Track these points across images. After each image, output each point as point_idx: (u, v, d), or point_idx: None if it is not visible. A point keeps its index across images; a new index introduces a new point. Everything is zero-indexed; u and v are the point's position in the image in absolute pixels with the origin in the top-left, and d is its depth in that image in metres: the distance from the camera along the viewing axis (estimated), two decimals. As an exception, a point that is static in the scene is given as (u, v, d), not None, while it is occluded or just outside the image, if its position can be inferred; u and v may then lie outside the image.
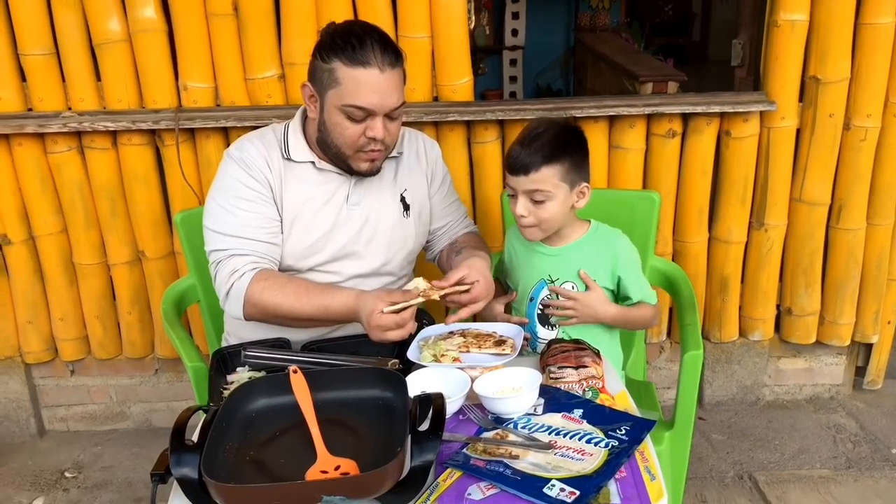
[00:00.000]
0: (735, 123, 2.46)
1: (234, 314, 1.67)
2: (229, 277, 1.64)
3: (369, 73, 1.57)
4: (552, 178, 1.67)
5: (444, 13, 2.36)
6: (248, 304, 1.63)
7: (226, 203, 1.67)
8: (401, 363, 1.54)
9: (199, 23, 2.36)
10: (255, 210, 1.67)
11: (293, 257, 1.72)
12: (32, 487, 2.56)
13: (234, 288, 1.63)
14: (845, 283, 2.64)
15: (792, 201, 2.57)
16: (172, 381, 2.81)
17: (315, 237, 1.72)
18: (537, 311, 1.81)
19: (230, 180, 1.68)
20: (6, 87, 2.42)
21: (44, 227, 2.56)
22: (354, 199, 1.75)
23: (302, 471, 1.15)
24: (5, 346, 2.72)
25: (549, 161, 1.67)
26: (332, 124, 1.64)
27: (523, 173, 1.68)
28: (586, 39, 6.06)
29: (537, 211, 1.70)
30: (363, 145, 1.65)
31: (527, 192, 1.69)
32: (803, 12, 2.36)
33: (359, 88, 1.58)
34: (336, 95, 1.60)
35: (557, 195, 1.69)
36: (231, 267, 1.64)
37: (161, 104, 2.42)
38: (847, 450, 2.59)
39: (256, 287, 1.62)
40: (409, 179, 1.84)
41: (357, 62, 1.57)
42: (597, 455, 1.23)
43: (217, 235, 1.68)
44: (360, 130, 1.62)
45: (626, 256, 1.80)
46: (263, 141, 1.73)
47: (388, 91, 1.60)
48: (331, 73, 1.59)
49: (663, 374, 2.84)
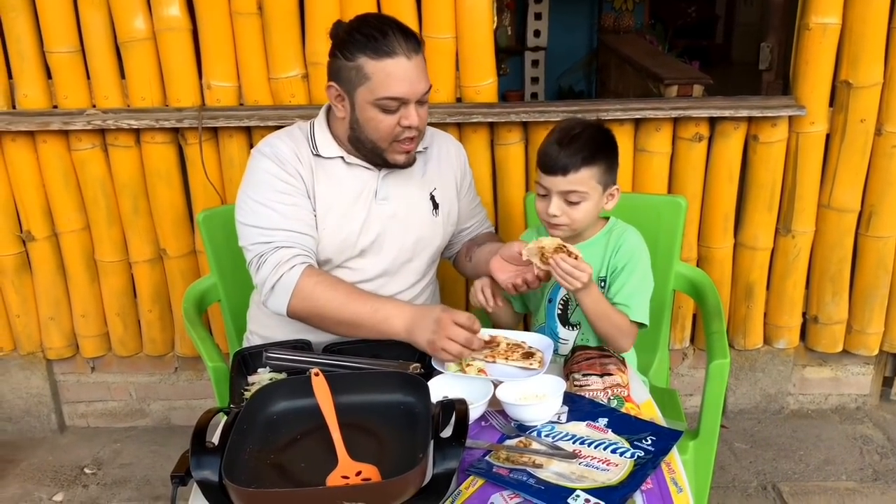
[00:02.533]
0: (763, 128, 2.42)
1: (276, 307, 1.63)
2: (276, 269, 1.60)
3: (397, 62, 1.57)
4: (590, 179, 1.65)
5: (469, 14, 2.35)
6: (297, 297, 1.60)
7: (261, 198, 1.65)
8: (422, 367, 1.53)
9: (224, 22, 2.36)
10: (294, 203, 1.66)
11: (325, 252, 1.71)
12: (52, 483, 2.58)
13: (283, 280, 1.59)
14: (874, 291, 2.59)
15: (820, 208, 2.53)
16: (192, 380, 2.82)
17: (346, 232, 1.71)
18: (557, 311, 1.79)
19: (264, 174, 1.67)
20: (32, 84, 2.43)
21: (67, 224, 2.58)
22: (383, 193, 1.74)
23: (323, 475, 1.13)
24: (28, 342, 2.74)
25: (588, 162, 1.64)
26: (365, 120, 1.63)
27: (561, 174, 1.64)
28: (610, 41, 6.03)
29: (570, 211, 1.67)
30: (398, 135, 1.64)
31: (562, 192, 1.65)
32: (835, 16, 2.32)
33: (390, 80, 1.58)
34: (367, 91, 1.59)
35: (592, 197, 1.67)
36: (278, 258, 1.61)
37: (184, 103, 2.42)
38: (874, 461, 2.54)
39: (308, 281, 1.60)
40: (440, 179, 1.83)
41: (384, 53, 1.56)
42: (622, 465, 1.21)
43: (255, 230, 1.65)
44: (395, 121, 1.62)
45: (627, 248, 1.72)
46: (292, 137, 1.72)
47: (417, 77, 1.61)
48: (358, 70, 1.58)
49: (686, 380, 2.80)
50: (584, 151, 1.63)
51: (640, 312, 1.70)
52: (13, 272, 2.63)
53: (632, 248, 1.73)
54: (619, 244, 1.73)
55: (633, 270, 1.72)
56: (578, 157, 1.63)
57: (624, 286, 1.71)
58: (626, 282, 1.71)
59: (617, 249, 1.73)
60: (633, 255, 1.73)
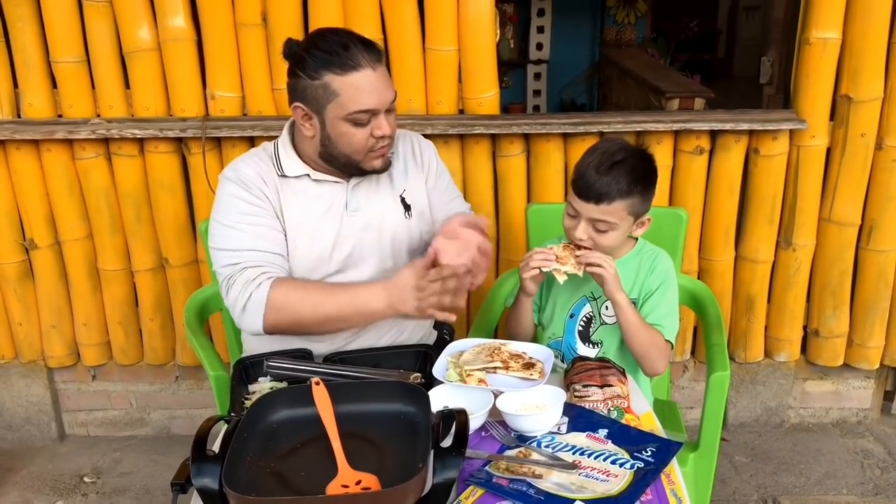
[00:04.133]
0: (764, 141, 2.43)
1: (252, 328, 1.63)
2: (245, 288, 1.59)
3: (364, 74, 1.57)
4: (622, 210, 1.63)
5: (472, 26, 2.36)
6: (271, 309, 1.59)
7: (228, 220, 1.66)
8: (423, 377, 1.53)
9: (228, 33, 2.38)
10: (261, 223, 1.66)
11: (301, 271, 1.70)
12: (52, 491, 2.57)
13: (253, 297, 1.59)
14: (875, 305, 2.59)
15: (821, 221, 2.54)
16: (192, 389, 2.82)
17: (320, 248, 1.71)
18: (578, 328, 1.79)
19: (230, 198, 1.67)
20: (37, 93, 2.45)
21: (70, 233, 2.59)
22: (353, 205, 1.73)
23: (323, 484, 1.13)
24: (29, 350, 2.74)
25: (624, 196, 1.61)
26: (337, 135, 1.62)
27: (594, 202, 1.61)
28: (612, 54, 6.05)
29: (597, 237, 1.65)
30: (373, 146, 1.64)
31: (592, 219, 1.64)
32: (836, 30, 2.33)
33: (359, 93, 1.57)
34: (337, 107, 1.59)
35: (621, 227, 1.66)
36: (245, 278, 1.61)
37: (188, 112, 2.43)
38: (875, 476, 2.53)
39: (278, 291, 1.59)
40: (407, 180, 1.82)
41: (349, 68, 1.56)
42: (622, 476, 1.21)
43: (225, 253, 1.65)
44: (368, 133, 1.62)
45: (661, 270, 1.75)
46: (257, 159, 1.72)
47: (384, 87, 1.61)
48: (325, 88, 1.57)
49: (686, 393, 2.80)
50: (622, 183, 1.60)
51: (671, 332, 1.72)
52: (16, 280, 2.64)
53: (665, 271, 1.75)
54: (654, 266, 1.75)
55: (665, 291, 1.73)
56: (615, 189, 1.60)
57: (657, 307, 1.72)
58: (660, 302, 1.72)
59: (651, 271, 1.74)
60: (668, 277, 1.75)
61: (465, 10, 2.34)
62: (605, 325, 1.77)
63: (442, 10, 2.34)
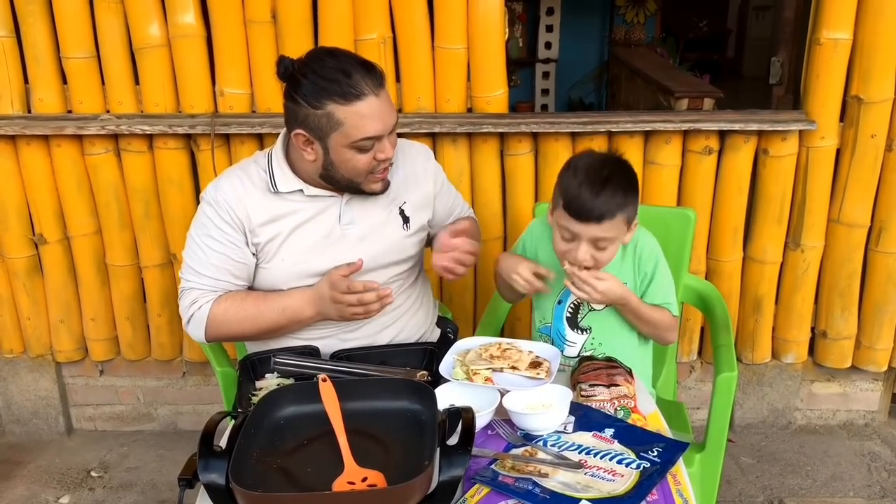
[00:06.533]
0: (773, 142, 2.42)
1: (195, 339, 1.72)
2: (189, 307, 1.68)
3: (367, 103, 1.54)
4: (621, 223, 1.62)
5: (481, 25, 2.36)
6: (211, 327, 1.67)
7: (198, 239, 1.69)
8: (430, 375, 1.53)
9: (238, 29, 2.38)
10: (222, 252, 1.66)
11: (289, 280, 1.69)
12: (59, 485, 2.59)
13: (195, 316, 1.67)
14: (884, 307, 2.58)
15: (830, 222, 2.53)
16: (199, 385, 2.83)
17: (307, 259, 1.69)
18: (567, 314, 1.79)
19: (204, 218, 1.69)
20: (48, 89, 2.46)
21: (79, 228, 2.60)
22: (347, 218, 1.71)
23: (329, 481, 1.14)
24: (37, 345, 2.76)
25: (623, 208, 1.61)
26: (341, 161, 1.60)
27: (595, 222, 1.60)
28: (621, 54, 6.04)
29: (599, 255, 1.64)
30: (374, 168, 1.63)
31: (593, 239, 1.62)
32: (847, 31, 2.32)
33: (363, 122, 1.55)
34: (341, 136, 1.56)
35: (620, 238, 1.66)
36: (191, 298, 1.68)
37: (198, 109, 2.44)
38: (882, 479, 2.52)
39: (217, 311, 1.66)
40: (408, 192, 1.79)
41: (353, 97, 1.53)
42: (628, 476, 1.21)
43: (186, 267, 1.71)
44: (370, 157, 1.60)
45: (648, 252, 1.75)
46: (244, 176, 1.69)
47: (387, 112, 1.58)
48: (329, 118, 1.54)
49: (693, 393, 2.79)
50: (618, 197, 1.60)
51: (675, 306, 1.78)
52: (25, 275, 2.66)
53: (651, 251, 1.76)
54: (641, 252, 1.75)
55: (657, 270, 1.76)
56: (613, 204, 1.59)
57: (659, 288, 1.75)
58: (660, 283, 1.75)
59: (640, 257, 1.75)
60: (654, 255, 1.76)
61: (475, 8, 2.34)
62: (594, 312, 1.77)
63: (451, 9, 2.34)
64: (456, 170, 2.45)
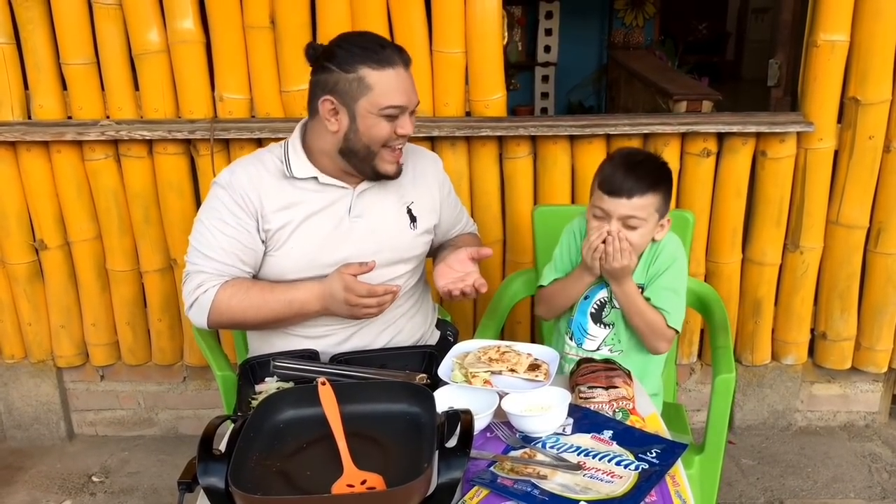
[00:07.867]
0: (771, 144, 2.43)
1: (196, 323, 1.70)
2: (194, 291, 1.66)
3: (397, 72, 1.61)
4: (651, 205, 1.69)
5: (479, 29, 2.37)
6: (214, 313, 1.66)
7: (208, 223, 1.69)
8: (428, 378, 1.54)
9: (237, 35, 2.39)
10: (233, 236, 1.67)
11: (296, 270, 1.70)
12: (60, 490, 2.59)
13: (200, 300, 1.66)
14: (883, 308, 2.58)
15: (828, 224, 2.53)
16: (200, 389, 2.83)
17: (315, 249, 1.70)
18: (591, 309, 1.82)
19: (216, 201, 1.70)
20: (48, 95, 2.47)
21: (79, 234, 2.60)
22: (357, 210, 1.73)
23: (328, 484, 1.14)
24: (38, 350, 2.76)
25: (653, 189, 1.69)
26: (366, 128, 1.63)
27: (626, 197, 1.67)
28: (620, 57, 6.05)
29: (628, 234, 1.70)
30: (391, 140, 1.66)
31: (623, 216, 1.69)
32: (844, 33, 2.33)
33: (391, 90, 1.61)
34: (368, 102, 1.61)
35: (649, 223, 1.71)
36: (197, 282, 1.67)
37: (197, 114, 2.45)
38: (882, 480, 2.52)
39: (223, 297, 1.65)
40: (416, 193, 1.82)
41: (386, 64, 1.60)
42: (627, 478, 1.21)
43: (193, 249, 1.70)
44: (392, 129, 1.65)
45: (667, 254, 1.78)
46: (258, 164, 1.72)
47: (412, 89, 1.66)
48: (360, 82, 1.60)
49: (693, 395, 2.79)
50: (650, 178, 1.69)
51: (676, 318, 1.77)
52: (25, 280, 2.66)
53: (672, 253, 1.79)
54: (660, 250, 1.78)
55: (666, 274, 1.77)
56: (645, 183, 1.68)
57: (660, 291, 1.76)
58: (663, 287, 1.76)
59: (658, 255, 1.78)
60: (674, 260, 1.78)
61: (473, 12, 2.35)
62: (618, 309, 1.81)
63: (449, 13, 2.35)
64: (455, 173, 2.45)
